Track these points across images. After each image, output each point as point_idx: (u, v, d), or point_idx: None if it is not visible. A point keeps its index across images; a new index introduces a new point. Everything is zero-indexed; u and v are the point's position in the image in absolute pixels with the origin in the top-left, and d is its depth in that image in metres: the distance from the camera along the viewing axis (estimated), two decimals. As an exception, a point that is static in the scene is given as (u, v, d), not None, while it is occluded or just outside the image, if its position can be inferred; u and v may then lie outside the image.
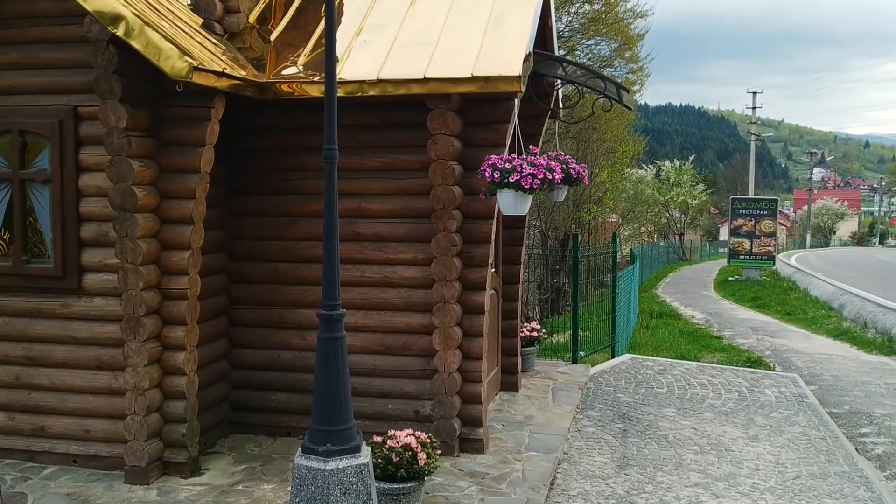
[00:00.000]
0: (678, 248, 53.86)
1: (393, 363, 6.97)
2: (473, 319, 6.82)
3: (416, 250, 6.84)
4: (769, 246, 30.22)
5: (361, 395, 7.01)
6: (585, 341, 13.05)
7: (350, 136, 6.88)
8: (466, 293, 6.80)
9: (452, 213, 6.55)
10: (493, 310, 8.04)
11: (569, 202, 25.76)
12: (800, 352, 14.46)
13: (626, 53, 26.04)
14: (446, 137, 6.45)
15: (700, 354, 13.91)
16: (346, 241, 6.96)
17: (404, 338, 6.93)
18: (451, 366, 6.70)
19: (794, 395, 9.74)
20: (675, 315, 19.78)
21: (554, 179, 6.11)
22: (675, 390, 9.67)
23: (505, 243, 8.65)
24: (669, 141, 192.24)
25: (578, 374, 9.85)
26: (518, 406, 8.31)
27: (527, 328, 9.69)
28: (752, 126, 46.89)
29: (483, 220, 6.74)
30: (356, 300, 6.98)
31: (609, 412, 8.59)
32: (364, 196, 6.92)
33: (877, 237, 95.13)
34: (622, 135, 28.11)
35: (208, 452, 6.79)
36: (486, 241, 6.76)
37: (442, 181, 6.52)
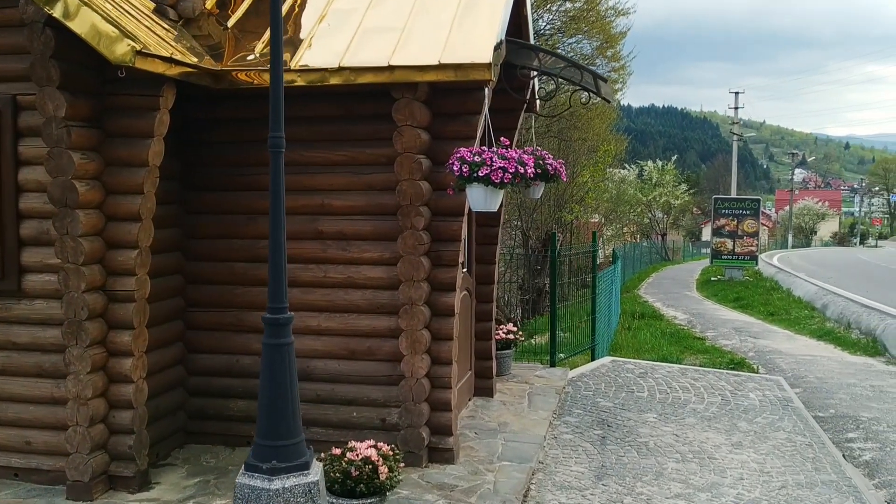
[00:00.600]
0: (661, 248, 53.73)
1: (358, 368, 6.59)
2: (443, 322, 6.45)
3: (382, 249, 6.47)
4: (752, 246, 30.05)
5: (325, 402, 6.64)
6: (565, 343, 12.71)
7: (313, 129, 6.51)
8: (435, 294, 6.43)
9: (419, 210, 6.18)
10: (466, 312, 7.68)
11: (550, 202, 25.49)
12: (783, 353, 14.18)
13: (609, 52, 25.76)
14: (413, 129, 6.08)
15: (682, 356, 13.60)
16: (308, 240, 6.59)
17: (370, 341, 6.56)
18: (418, 371, 6.32)
19: (778, 398, 9.44)
20: (658, 316, 19.50)
21: (526, 173, 5.75)
22: (656, 394, 9.34)
23: (479, 242, 8.29)
24: (652, 142, 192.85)
25: (556, 377, 9.50)
26: (492, 412, 7.95)
27: (503, 330, 9.33)
28: (735, 126, 46.81)
29: (453, 218, 6.37)
30: (319, 302, 6.60)
31: (587, 418, 8.24)
32: (327, 192, 6.54)
33: (857, 237, 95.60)
34: (604, 134, 27.84)
35: (161, 464, 6.38)
36: (455, 240, 6.39)
37: (408, 176, 6.14)
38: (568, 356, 11.96)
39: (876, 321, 15.57)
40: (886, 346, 14.10)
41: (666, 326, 17.53)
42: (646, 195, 51.51)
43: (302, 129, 6.52)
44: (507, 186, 5.69)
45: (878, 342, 14.57)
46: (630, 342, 14.93)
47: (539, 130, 25.59)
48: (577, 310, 15.00)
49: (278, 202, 4.28)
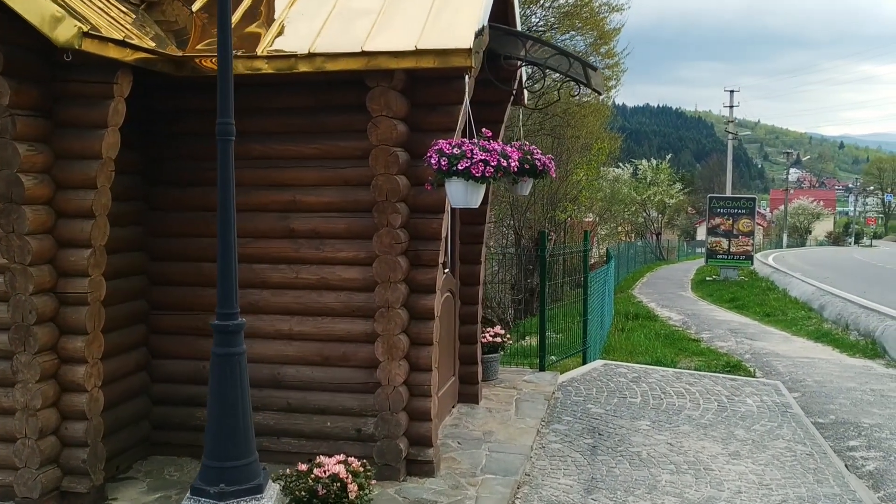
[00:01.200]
0: (655, 247, 53.39)
1: (332, 375, 6.19)
2: (422, 326, 6.05)
3: (357, 248, 6.07)
4: (747, 245, 29.71)
5: (297, 411, 6.24)
6: (557, 345, 12.30)
7: (283, 121, 6.12)
8: (414, 296, 6.04)
9: (396, 207, 5.78)
10: (449, 314, 7.28)
11: (544, 200, 25.12)
12: (780, 355, 13.81)
13: (602, 48, 25.44)
14: (388, 120, 5.68)
15: (677, 359, 13.22)
16: (279, 239, 6.20)
17: (344, 347, 6.16)
18: (396, 379, 5.92)
19: (776, 404, 9.06)
20: (652, 316, 19.12)
21: (510, 167, 5.35)
22: (649, 400, 8.95)
23: (463, 241, 7.90)
24: (647, 141, 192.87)
25: (546, 382, 9.11)
26: (477, 420, 7.55)
27: (489, 333, 8.94)
28: (730, 125, 46.49)
29: (432, 215, 5.98)
30: (290, 304, 6.20)
31: (577, 426, 7.85)
32: (299, 187, 6.14)
33: (852, 237, 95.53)
34: (598, 132, 27.48)
35: (121, 478, 5.97)
36: (435, 238, 5.99)
37: (384, 170, 5.74)
38: (560, 359, 11.58)
39: (875, 322, 15.21)
40: (886, 349, 13.74)
41: (660, 327, 17.16)
42: (640, 194, 51.17)
43: (272, 121, 6.13)
44: (490, 181, 5.30)
45: (878, 344, 14.20)
46: (623, 344, 14.55)
47: (532, 128, 25.25)
48: (569, 310, 14.57)
49: (227, 195, 3.88)
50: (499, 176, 5.32)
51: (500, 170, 5.29)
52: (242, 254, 6.18)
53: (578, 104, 25.91)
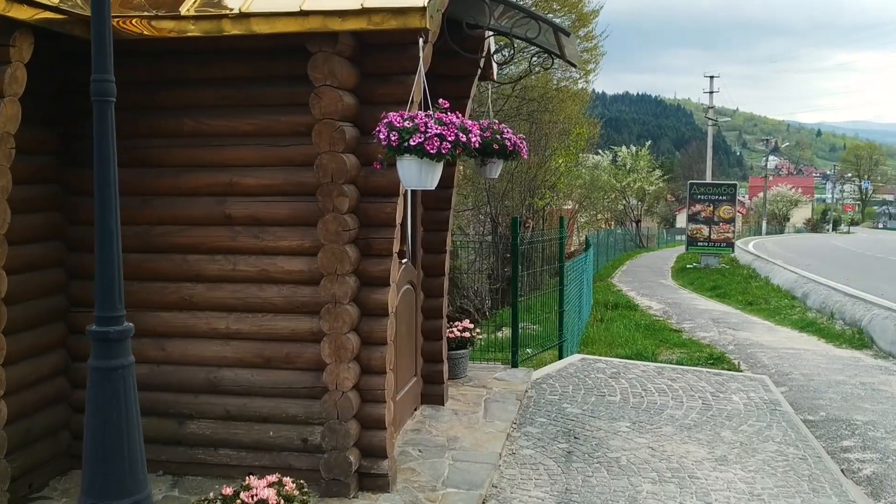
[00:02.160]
0: (635, 235, 52.95)
1: (275, 379, 5.52)
2: (374, 323, 5.39)
3: (301, 236, 5.39)
4: (728, 232, 29.25)
5: (236, 419, 5.56)
6: (534, 337, 11.73)
7: (218, 93, 5.42)
8: (365, 290, 5.37)
9: (343, 189, 5.10)
10: (409, 309, 6.62)
11: (522, 187, 24.50)
12: (765, 346, 13.27)
13: (581, 31, 24.81)
14: (333, 91, 4.99)
15: (658, 351, 12.64)
16: (214, 226, 5.51)
17: (288, 347, 5.48)
18: (344, 383, 5.26)
19: (764, 401, 8.48)
20: (632, 306, 18.55)
21: (470, 143, 4.69)
22: (629, 398, 8.35)
23: (426, 228, 7.23)
24: (627, 129, 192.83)
25: (518, 380, 8.47)
26: (442, 424, 6.91)
27: (457, 328, 8.29)
28: (710, 111, 46.02)
29: (385, 198, 5.31)
30: (228, 300, 5.52)
31: (552, 428, 7.23)
32: (236, 168, 5.44)
33: (830, 224, 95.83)
34: (577, 117, 26.86)
35: (34, 497, 5.28)
36: (389, 225, 5.33)
37: (329, 147, 5.06)
38: (536, 353, 10.98)
39: (861, 311, 14.70)
40: (874, 339, 13.23)
41: (640, 317, 16.58)
42: (620, 181, 50.64)
43: (205, 93, 5.42)
44: (447, 159, 4.63)
45: (865, 334, 13.69)
46: (603, 335, 13.96)
47: (509, 112, 24.59)
48: (548, 299, 13.92)
49: (107, 170, 3.18)
50: (458, 153, 4.66)
51: (460, 146, 4.63)
52: (174, 243, 5.55)
53: (556, 88, 25.37)
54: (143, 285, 5.59)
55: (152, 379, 5.62)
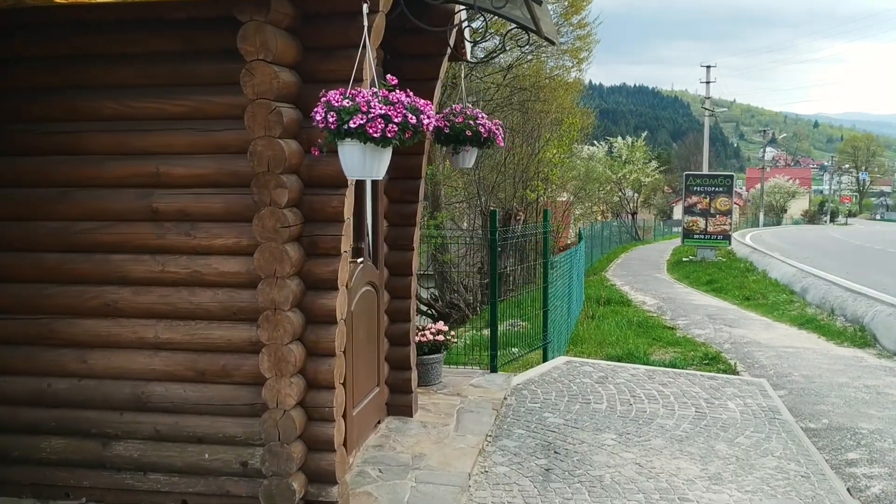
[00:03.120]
0: (631, 227, 52.33)
1: (210, 394, 4.88)
2: (321, 332, 4.75)
3: (238, 234, 4.75)
4: (725, 225, 28.62)
5: (167, 440, 4.93)
6: (522, 336, 11.11)
7: (143, 70, 4.77)
8: (311, 295, 4.73)
9: (281, 180, 4.46)
10: (369, 312, 5.97)
11: (514, 179, 23.86)
12: (762, 344, 12.66)
13: (574, 18, 24.17)
14: (267, 66, 4.34)
15: (651, 350, 12.03)
16: (139, 222, 4.87)
17: (225, 358, 4.84)
18: (286, 400, 4.62)
19: (762, 408, 7.85)
20: (625, 301, 17.92)
21: (420, 125, 4.04)
22: (616, 406, 7.72)
23: (392, 222, 6.59)
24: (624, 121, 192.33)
25: (496, 387, 7.84)
26: (408, 438, 6.27)
27: (429, 331, 7.66)
28: (707, 101, 45.39)
29: (332, 190, 4.67)
30: (156, 306, 4.87)
31: (530, 441, 6.60)
32: (164, 156, 4.80)
33: (827, 215, 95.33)
34: (570, 107, 26.20)
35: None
36: (336, 220, 4.69)
37: (264, 132, 4.42)
38: (522, 353, 10.35)
39: (863, 307, 14.08)
40: (877, 337, 12.61)
41: (633, 314, 15.97)
42: (615, 173, 49.97)
43: (128, 71, 4.77)
44: (394, 143, 3.99)
45: (867, 331, 13.08)
46: (593, 334, 13.35)
47: (499, 102, 23.93)
48: (539, 295, 13.29)
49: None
50: (407, 137, 4.01)
51: (409, 129, 3.98)
52: (95, 242, 4.90)
53: (549, 77, 24.71)
54: (62, 289, 4.95)
55: (73, 395, 4.98)
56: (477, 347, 11.54)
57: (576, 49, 24.45)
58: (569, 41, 24.65)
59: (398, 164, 6.51)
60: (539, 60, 24.48)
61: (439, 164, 22.03)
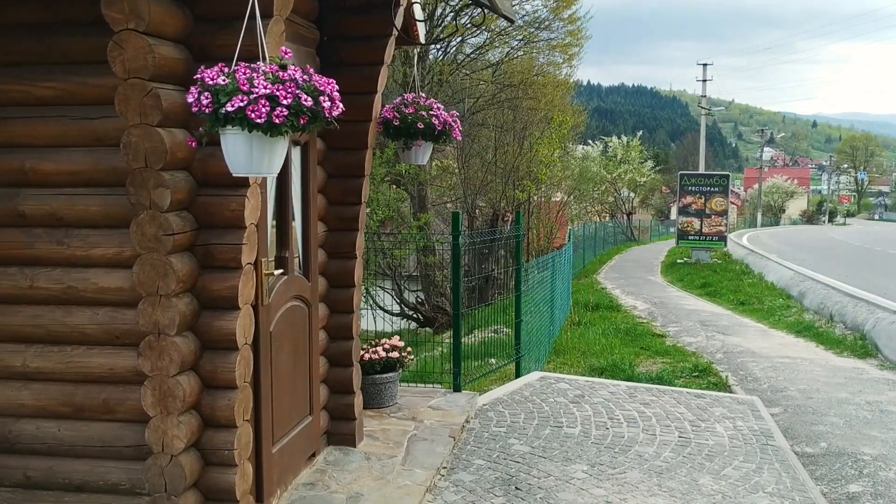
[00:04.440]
0: (626, 228, 51.52)
1: (89, 434, 4.09)
2: (219, 359, 3.96)
3: (120, 242, 3.96)
4: (720, 226, 27.84)
5: (39, 487, 4.15)
6: (504, 344, 10.32)
7: (5, 46, 3.97)
8: (207, 315, 3.95)
9: (162, 178, 3.67)
10: (296, 331, 5.17)
11: (504, 178, 23.10)
12: (757, 354, 11.87)
13: (565, 13, 23.43)
14: (140, 38, 3.54)
15: (637, 361, 11.25)
16: (3, 228, 4.07)
17: (106, 391, 4.06)
18: (174, 443, 3.84)
19: (753, 432, 7.06)
20: (615, 306, 17.13)
21: (321, 109, 3.25)
22: (591, 430, 6.93)
23: (331, 227, 5.80)
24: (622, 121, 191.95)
25: (457, 409, 7.04)
26: (346, 474, 5.48)
27: (382, 347, 6.86)
28: (703, 99, 44.61)
29: (231, 190, 3.88)
30: (24, 328, 4.09)
31: (490, 474, 5.81)
32: (31, 149, 4.02)
33: (826, 215, 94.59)
34: (560, 104, 25.42)
35: None
36: (236, 226, 3.90)
37: (139, 118, 3.63)
38: (500, 365, 9.57)
39: (864, 314, 13.29)
40: (878, 346, 11.83)
41: (623, 320, 15.18)
42: (610, 172, 49.15)
43: (-11, 46, 3.98)
44: (287, 131, 3.20)
45: (868, 341, 12.28)
46: (577, 342, 12.56)
47: (488, 99, 23.15)
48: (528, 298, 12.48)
49: None
50: (301, 123, 3.22)
51: (304, 113, 3.19)
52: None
53: (538, 73, 23.93)
54: None
55: (-67, 433, 4.19)
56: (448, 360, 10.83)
57: (566, 45, 23.71)
58: (559, 37, 23.94)
59: (338, 160, 5.75)
60: (530, 56, 23.74)
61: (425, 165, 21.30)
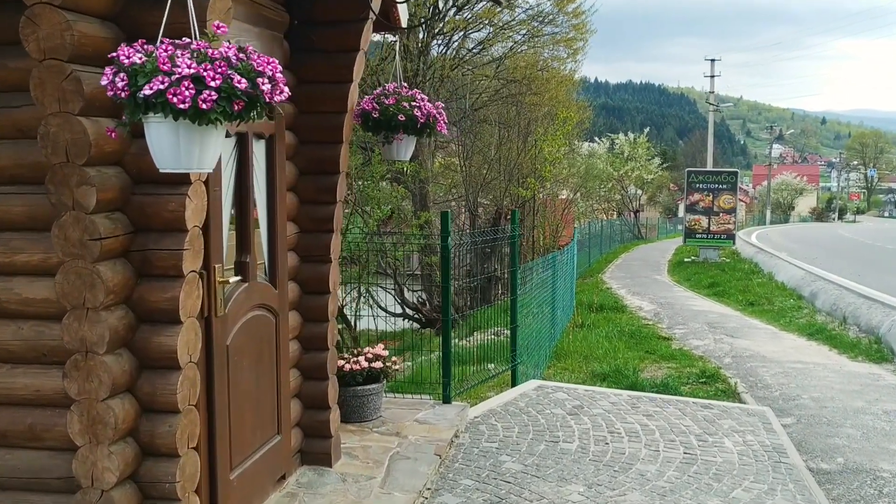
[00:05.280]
0: (633, 226, 50.93)
1: (14, 463, 3.63)
2: (159, 381, 3.50)
3: (47, 247, 3.49)
4: (729, 224, 27.26)
5: (-40, 524, 3.67)
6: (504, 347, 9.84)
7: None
8: (144, 330, 3.49)
9: (86, 174, 3.20)
10: (260, 344, 4.69)
11: (507, 175, 22.62)
12: (767, 359, 11.36)
13: (569, 7, 22.90)
14: (55, 13, 3.07)
15: (642, 366, 10.77)
16: (-84, 231, 3.60)
17: (33, 415, 3.59)
18: (104, 476, 3.37)
19: (765, 447, 6.57)
20: (620, 307, 16.62)
21: (260, 93, 2.78)
22: (590, 446, 6.44)
23: (304, 228, 5.32)
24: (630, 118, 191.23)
25: (446, 422, 6.56)
26: (318, 498, 5.00)
27: (364, 356, 6.39)
28: (711, 95, 44.00)
29: (170, 188, 3.41)
30: (-59, 344, 3.62)
31: (478, 497, 5.34)
32: (-54, 142, 3.55)
33: (836, 213, 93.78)
34: (564, 99, 24.91)
35: None
36: (176, 229, 3.43)
37: (58, 106, 3.16)
38: (496, 372, 9.10)
39: (879, 316, 12.75)
40: (894, 350, 11.30)
41: (627, 322, 14.67)
42: (617, 170, 48.54)
43: None
44: (216, 118, 2.72)
45: (884, 344, 11.76)
46: (579, 346, 12.07)
47: (490, 95, 22.65)
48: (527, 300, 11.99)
49: None
50: (237, 110, 2.74)
51: (238, 97, 2.71)
52: None
53: (542, 68, 23.40)
54: None
55: None
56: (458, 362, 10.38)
57: (570, 39, 23.18)
58: (563, 31, 23.42)
59: (310, 154, 5.29)
60: (534, 51, 23.23)
61: (426, 161, 20.82)
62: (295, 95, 5.18)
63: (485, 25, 21.52)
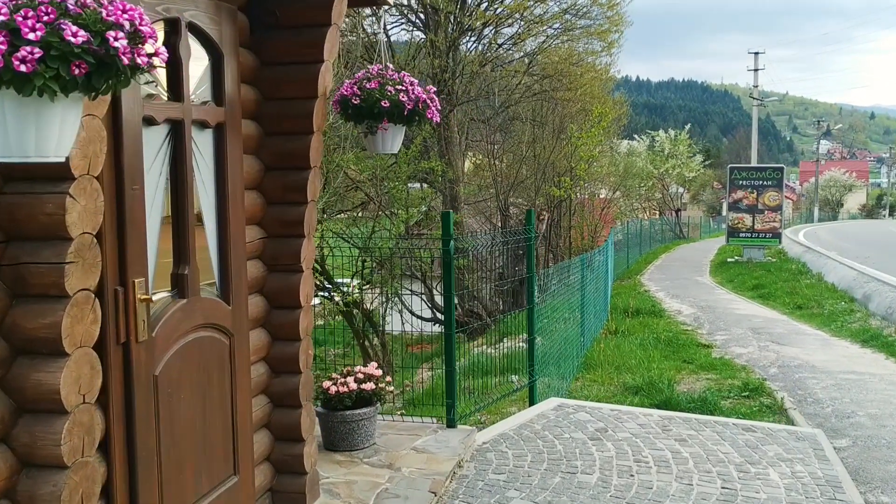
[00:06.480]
0: (675, 225, 49.60)
1: None
2: (38, 428, 2.78)
3: None
4: (774, 222, 26.06)
5: None
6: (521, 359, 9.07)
7: None
8: (20, 365, 2.77)
9: (-77, 166, 2.49)
10: (209, 372, 3.93)
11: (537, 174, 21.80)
12: (817, 369, 10.40)
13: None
14: None
15: (678, 377, 9.91)
16: None
17: None
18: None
19: (817, 480, 5.67)
20: (657, 312, 15.69)
21: (107, 47, 2.03)
22: (612, 478, 5.61)
23: (271, 232, 4.58)
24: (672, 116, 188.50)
25: (447, 451, 5.77)
26: (284, 551, 4.26)
27: (353, 378, 5.63)
28: (755, 89, 42.61)
29: (46, 184, 2.69)
30: None
31: (475, 544, 4.55)
32: None
33: (886, 209, 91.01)
34: (599, 94, 23.97)
35: None
36: (56, 237, 2.71)
37: None
38: (518, 387, 8.33)
39: (941, 321, 11.69)
40: (960, 359, 10.27)
41: (665, 327, 13.77)
42: (657, 168, 47.25)
43: None
44: (48, 86, 1.98)
45: (947, 352, 10.72)
46: (611, 355, 11.23)
47: (521, 90, 21.80)
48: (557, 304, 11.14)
49: None
50: (77, 74, 1.99)
51: (78, 55, 1.97)
52: None
53: (575, 63, 22.51)
54: None
55: None
56: (472, 373, 9.64)
57: (604, 31, 22.23)
58: (597, 23, 22.50)
59: (277, 147, 4.56)
60: (568, 46, 22.36)
61: (456, 160, 20.08)
62: (257, 79, 4.47)
63: (515, 20, 20.76)
